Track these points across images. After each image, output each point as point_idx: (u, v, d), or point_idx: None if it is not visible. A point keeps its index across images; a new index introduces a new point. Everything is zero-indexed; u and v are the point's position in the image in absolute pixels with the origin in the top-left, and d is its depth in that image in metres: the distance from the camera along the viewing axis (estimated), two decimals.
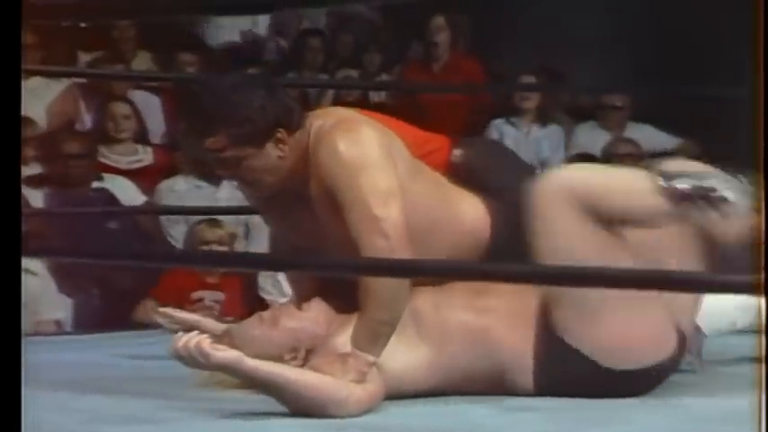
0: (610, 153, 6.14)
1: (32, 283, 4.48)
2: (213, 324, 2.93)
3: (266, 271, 4.79)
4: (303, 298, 2.78)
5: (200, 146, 2.66)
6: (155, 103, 6.10)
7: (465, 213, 2.79)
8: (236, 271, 4.81)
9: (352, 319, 2.62)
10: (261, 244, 5.12)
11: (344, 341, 2.60)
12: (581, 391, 2.62)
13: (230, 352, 2.45)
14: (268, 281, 5.01)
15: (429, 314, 2.65)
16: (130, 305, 4.89)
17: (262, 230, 4.86)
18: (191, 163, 5.47)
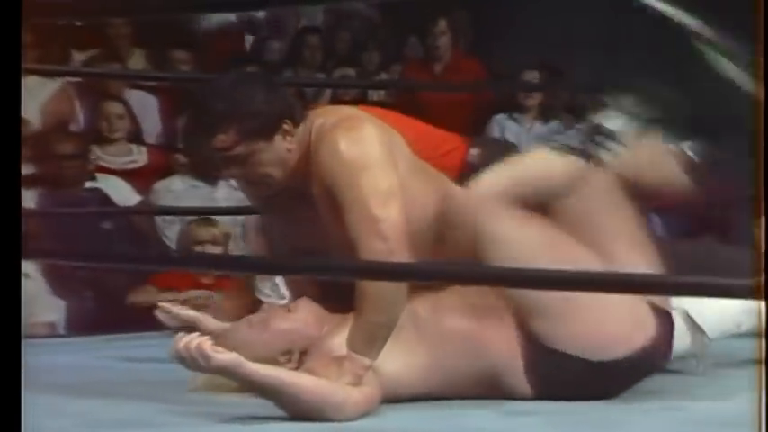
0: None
1: (25, 285, 4.46)
2: (213, 322, 2.93)
3: (262, 274, 4.79)
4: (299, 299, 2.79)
5: (207, 145, 2.67)
6: (151, 103, 6.08)
7: (468, 214, 2.77)
8: (231, 274, 4.80)
9: (346, 320, 2.63)
10: None
11: (340, 343, 2.60)
12: (578, 390, 2.64)
13: (230, 354, 2.46)
14: (266, 283, 5.00)
15: (426, 316, 2.65)
16: (125, 307, 4.89)
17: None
18: (189, 163, 5.48)
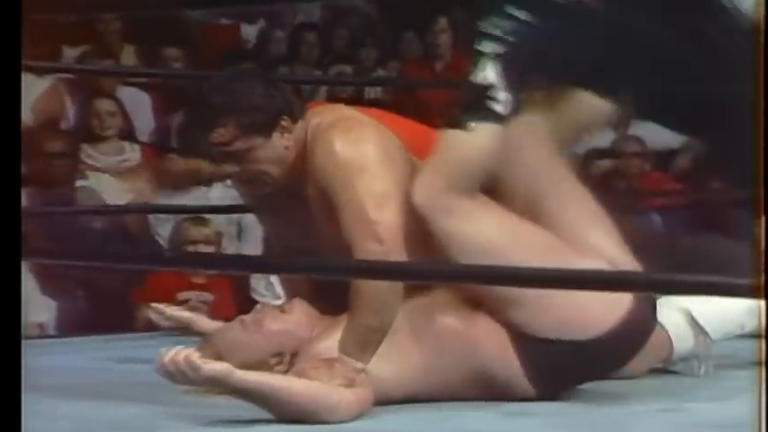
0: (616, 151, 6.16)
1: None
2: (207, 322, 2.92)
3: (256, 273, 4.80)
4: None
5: (204, 140, 2.67)
6: (144, 100, 6.07)
7: None
8: (225, 273, 4.81)
9: (338, 323, 2.63)
10: (254, 243, 5.15)
11: (329, 346, 2.60)
12: (575, 375, 2.65)
13: (219, 364, 2.44)
14: (261, 282, 5.01)
15: (419, 317, 2.65)
16: (116, 307, 4.90)
17: (254, 230, 4.90)
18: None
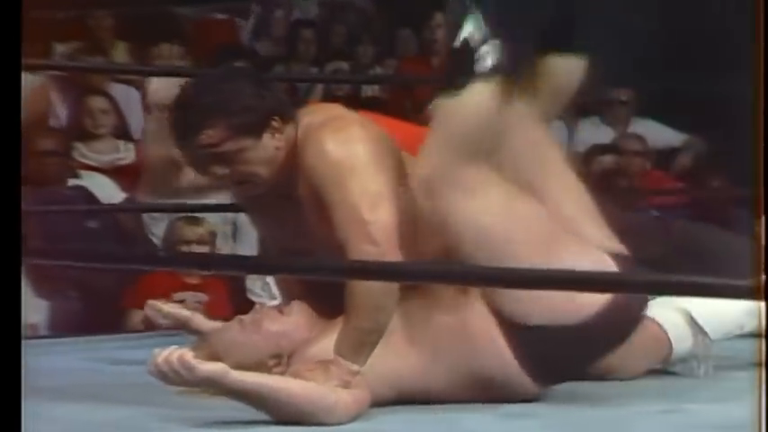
0: (617, 148, 6.18)
1: None
2: (204, 321, 2.92)
3: (252, 274, 4.81)
4: (291, 300, 2.80)
5: (192, 142, 2.65)
6: (134, 97, 6.03)
7: None
8: (220, 273, 4.83)
9: (332, 325, 2.64)
10: (249, 243, 5.15)
11: (322, 348, 2.60)
12: (571, 361, 2.66)
13: (215, 365, 2.43)
14: (257, 283, 5.02)
15: (416, 318, 2.65)
16: (109, 307, 4.92)
17: (250, 230, 4.89)
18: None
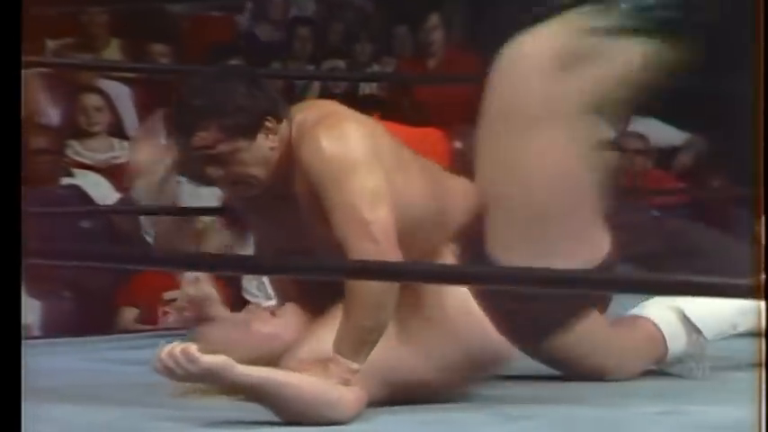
0: (618, 148, 6.18)
1: None
2: (221, 307, 2.88)
3: (247, 274, 4.82)
4: (285, 301, 2.81)
5: (186, 143, 2.66)
6: (124, 93, 6.03)
7: (461, 202, 2.81)
8: (216, 274, 4.83)
9: (322, 324, 2.65)
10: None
11: (314, 349, 2.61)
12: (548, 323, 2.75)
13: (219, 357, 2.44)
14: (253, 283, 5.03)
15: (404, 313, 2.65)
16: (102, 307, 4.92)
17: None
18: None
